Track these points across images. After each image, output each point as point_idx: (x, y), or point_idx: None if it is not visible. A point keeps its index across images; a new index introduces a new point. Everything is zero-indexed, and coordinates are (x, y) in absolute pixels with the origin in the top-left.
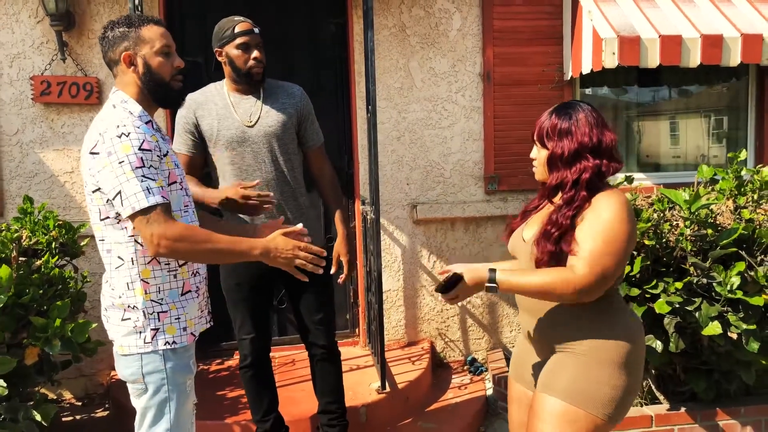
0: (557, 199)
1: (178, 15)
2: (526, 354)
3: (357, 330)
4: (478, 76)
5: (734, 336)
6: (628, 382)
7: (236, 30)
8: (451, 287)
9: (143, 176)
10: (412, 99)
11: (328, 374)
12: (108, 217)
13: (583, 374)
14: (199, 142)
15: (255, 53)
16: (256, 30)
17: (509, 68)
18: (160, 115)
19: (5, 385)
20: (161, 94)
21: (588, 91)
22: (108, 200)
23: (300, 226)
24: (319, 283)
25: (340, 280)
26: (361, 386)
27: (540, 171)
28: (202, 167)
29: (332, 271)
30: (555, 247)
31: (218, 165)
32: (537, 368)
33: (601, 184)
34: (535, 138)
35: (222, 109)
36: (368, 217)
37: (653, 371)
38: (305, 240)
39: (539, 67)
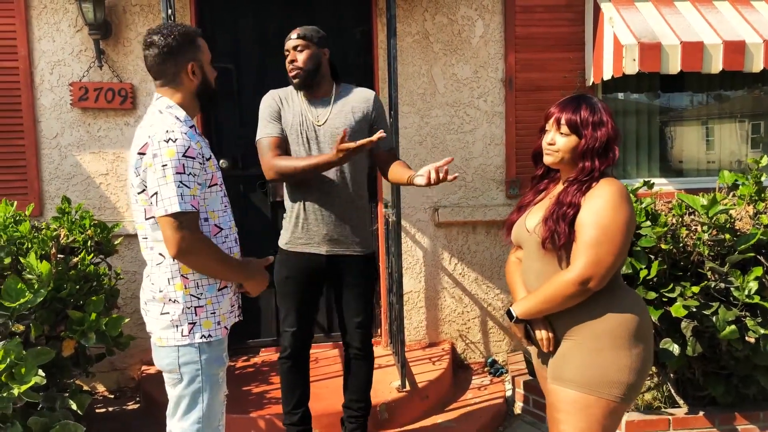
0: (561, 185)
1: (209, 24)
2: None
3: (379, 330)
4: (500, 82)
5: (752, 340)
6: (637, 361)
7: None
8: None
9: (181, 182)
10: (435, 104)
11: (358, 373)
12: (152, 217)
13: (589, 361)
14: (284, 129)
15: (289, 57)
16: (294, 35)
17: (531, 74)
18: None
19: (44, 374)
20: (209, 99)
21: (617, 95)
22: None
23: (271, 258)
24: (364, 287)
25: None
26: (381, 384)
27: (558, 157)
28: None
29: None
30: (566, 227)
31: None
32: (547, 355)
33: (610, 171)
34: (563, 123)
35: (297, 107)
36: (390, 219)
37: (672, 375)
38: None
39: (561, 73)
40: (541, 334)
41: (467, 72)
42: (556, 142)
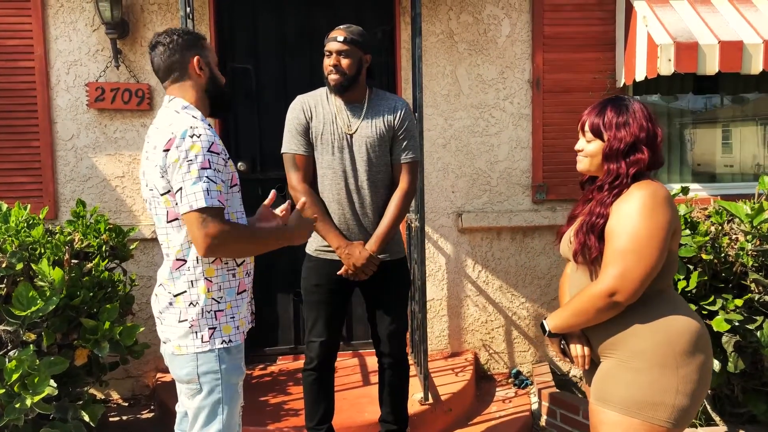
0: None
1: (228, 24)
2: None
3: None
4: (527, 83)
5: None
6: (686, 383)
7: (327, 37)
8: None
9: (207, 177)
10: (459, 106)
11: (392, 385)
12: (176, 219)
13: (632, 381)
14: (310, 142)
15: (332, 60)
16: (340, 38)
17: (559, 75)
18: None
19: (56, 385)
20: (220, 100)
21: (651, 98)
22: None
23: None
24: (397, 293)
25: (340, 272)
26: None
27: (587, 162)
28: (314, 167)
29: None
30: (595, 239)
31: (318, 167)
32: (590, 372)
33: (646, 176)
34: (587, 128)
35: (328, 114)
36: (413, 225)
37: (709, 391)
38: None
39: (590, 74)
40: (576, 350)
41: (493, 73)
42: (584, 149)
